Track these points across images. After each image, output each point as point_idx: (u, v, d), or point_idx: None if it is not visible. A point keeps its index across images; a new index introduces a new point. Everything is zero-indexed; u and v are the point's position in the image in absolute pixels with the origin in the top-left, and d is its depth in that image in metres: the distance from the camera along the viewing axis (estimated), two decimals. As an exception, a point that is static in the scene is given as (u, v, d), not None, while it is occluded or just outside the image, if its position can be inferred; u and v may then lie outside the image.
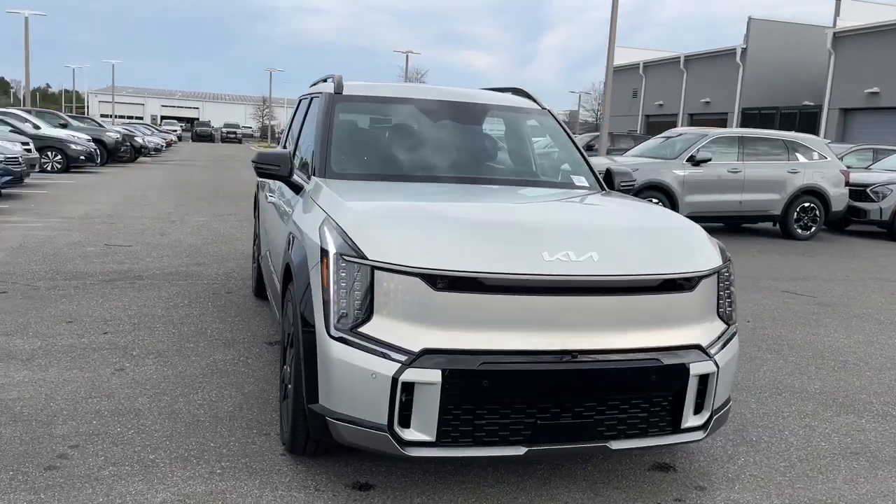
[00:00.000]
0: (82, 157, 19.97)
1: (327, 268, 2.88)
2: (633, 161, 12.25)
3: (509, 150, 4.55)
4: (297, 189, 3.92)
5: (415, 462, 3.19)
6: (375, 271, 2.79)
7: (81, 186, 15.87)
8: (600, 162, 12.36)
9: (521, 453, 2.83)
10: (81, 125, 26.16)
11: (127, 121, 57.39)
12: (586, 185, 4.28)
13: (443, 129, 4.37)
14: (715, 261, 3.21)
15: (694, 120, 39.54)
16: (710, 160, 11.71)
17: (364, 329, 2.79)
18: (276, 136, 57.61)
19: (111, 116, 63.72)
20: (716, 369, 3.04)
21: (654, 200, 11.42)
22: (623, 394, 2.92)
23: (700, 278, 3.09)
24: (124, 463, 3.16)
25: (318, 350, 2.85)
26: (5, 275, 6.63)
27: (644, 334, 2.97)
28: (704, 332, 3.11)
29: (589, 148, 22.00)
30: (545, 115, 4.70)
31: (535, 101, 4.77)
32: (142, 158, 29.37)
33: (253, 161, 3.94)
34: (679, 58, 41.05)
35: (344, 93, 4.32)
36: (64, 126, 23.90)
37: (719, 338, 3.15)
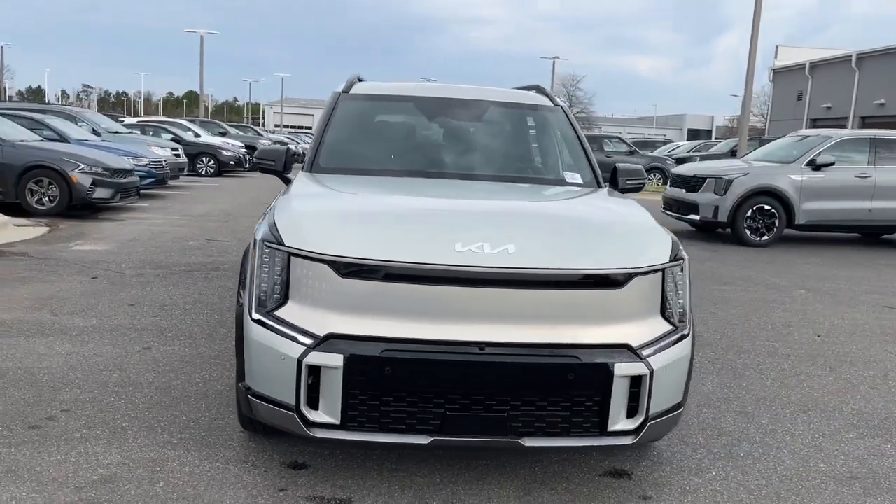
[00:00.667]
0: (232, 163, 21.58)
1: (254, 254, 3.04)
2: (742, 166, 11.56)
3: (507, 146, 4.52)
4: (287, 184, 4.12)
5: (324, 444, 3.22)
6: (291, 258, 2.91)
7: (221, 188, 17.20)
8: (730, 166, 11.77)
9: (426, 442, 2.84)
10: (241, 134, 28.27)
11: (295, 130, 61.12)
12: (580, 182, 4.17)
13: (436, 126, 4.43)
14: (657, 259, 3.05)
15: (866, 123, 36.30)
16: (832, 164, 10.79)
17: (279, 312, 2.91)
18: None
19: (280, 126, 68.15)
20: (647, 372, 2.89)
21: (767, 207, 10.73)
22: (539, 390, 2.85)
23: (632, 275, 2.95)
24: (97, 428, 3.48)
25: (244, 331, 3.01)
26: (104, 263, 7.37)
27: (564, 330, 2.88)
28: (639, 331, 2.96)
29: (733, 154, 20.96)
30: (555, 112, 4.61)
31: (550, 97, 4.70)
32: (296, 164, 31.33)
33: (254, 157, 4.19)
34: (850, 56, 37.87)
35: (351, 92, 4.48)
36: (223, 134, 25.97)
37: (659, 339, 2.99)
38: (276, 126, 69.99)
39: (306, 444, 3.35)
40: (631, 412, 2.95)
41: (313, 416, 2.84)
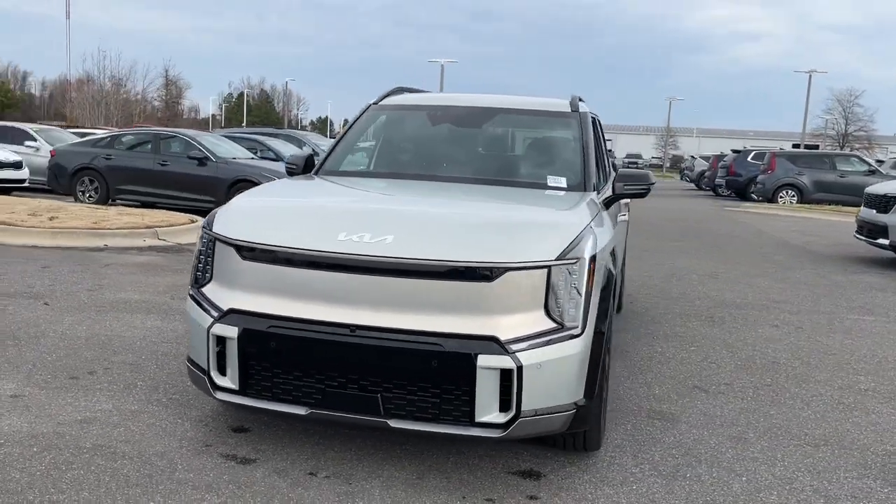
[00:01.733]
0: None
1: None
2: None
3: (503, 151, 4.59)
4: None
5: (229, 407, 3.54)
6: (215, 242, 3.36)
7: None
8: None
9: (303, 413, 3.11)
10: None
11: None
12: (563, 185, 4.13)
13: (441, 133, 4.64)
14: (540, 256, 3.04)
15: None
16: None
17: (204, 289, 3.37)
18: (680, 166, 56.68)
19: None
20: (515, 366, 2.91)
21: None
22: (404, 375, 2.99)
23: (504, 270, 2.98)
24: (116, 383, 4.18)
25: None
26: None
27: (432, 319, 2.99)
28: (511, 326, 2.98)
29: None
30: (570, 118, 4.59)
31: (572, 105, 4.68)
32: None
33: (284, 161, 4.74)
34: None
35: (381, 103, 4.85)
36: None
37: (536, 336, 2.98)
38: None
39: (251, 413, 3.71)
40: (504, 406, 2.97)
41: (220, 380, 3.24)
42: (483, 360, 2.91)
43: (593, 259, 3.16)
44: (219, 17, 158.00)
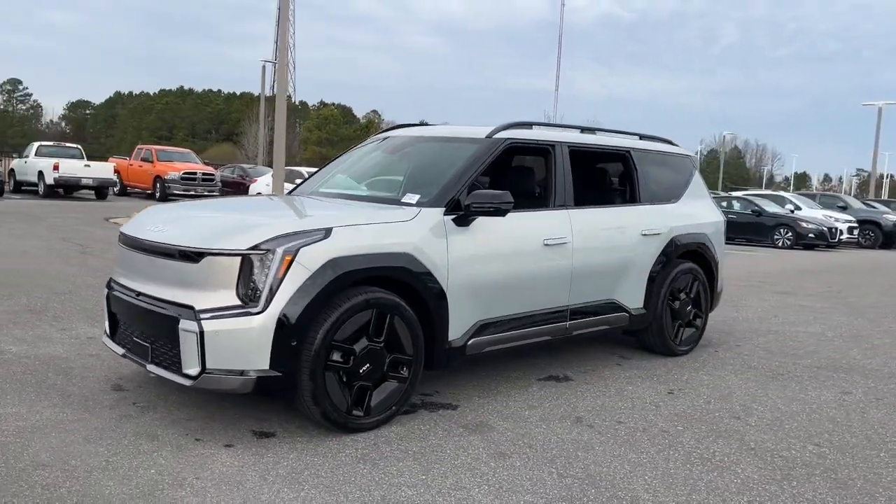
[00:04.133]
0: (811, 235, 20.78)
1: None
2: None
3: (396, 174, 5.08)
4: None
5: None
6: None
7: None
8: None
9: (120, 353, 4.32)
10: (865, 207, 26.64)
11: None
12: (411, 202, 4.52)
13: (374, 158, 5.47)
14: (235, 246, 3.78)
15: None
16: None
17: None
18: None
19: None
20: (199, 331, 3.72)
21: None
22: (155, 331, 4.02)
23: (205, 254, 3.80)
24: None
25: None
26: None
27: (171, 290, 3.97)
28: (206, 300, 3.79)
29: None
30: (473, 144, 4.90)
31: (489, 133, 4.99)
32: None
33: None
34: None
35: (384, 134, 5.80)
36: (842, 209, 25.03)
37: (222, 309, 3.74)
38: None
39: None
40: (199, 362, 3.78)
41: (106, 329, 4.64)
42: (182, 324, 3.78)
43: (290, 253, 3.75)
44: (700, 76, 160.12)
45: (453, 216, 4.48)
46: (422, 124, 6.09)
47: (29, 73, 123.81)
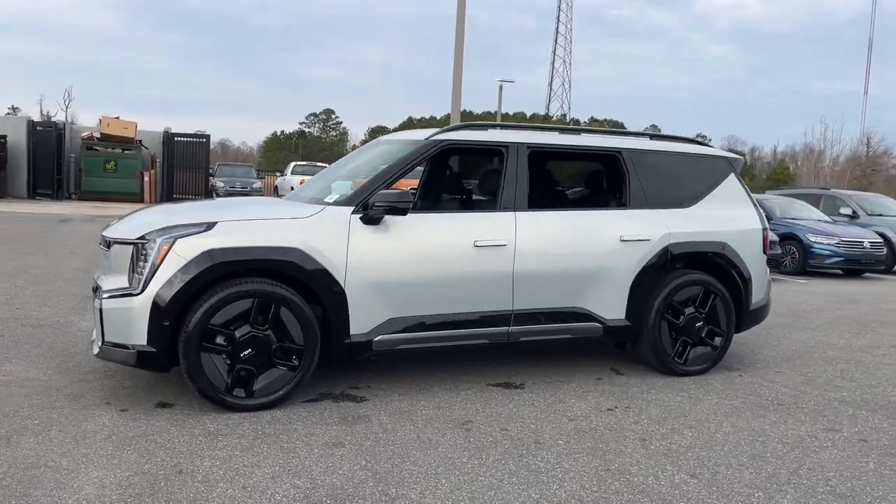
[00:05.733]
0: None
1: None
2: None
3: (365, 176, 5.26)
4: None
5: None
6: None
7: None
8: None
9: (95, 331, 5.13)
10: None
11: None
12: (329, 202, 4.75)
13: (353, 162, 5.80)
14: (126, 236, 4.39)
15: None
16: None
17: None
18: None
19: None
20: (99, 308, 4.36)
21: None
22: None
23: (112, 242, 4.46)
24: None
25: None
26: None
27: (102, 275, 4.66)
28: (111, 282, 4.43)
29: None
30: (409, 146, 4.99)
31: (428, 135, 5.07)
32: None
33: None
34: None
35: (378, 139, 6.15)
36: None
37: (116, 290, 4.34)
38: None
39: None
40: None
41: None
42: (94, 302, 4.46)
43: (167, 243, 4.24)
44: None
45: (360, 215, 4.66)
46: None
47: (340, 103, 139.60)
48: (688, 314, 5.56)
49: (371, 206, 4.63)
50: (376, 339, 4.68)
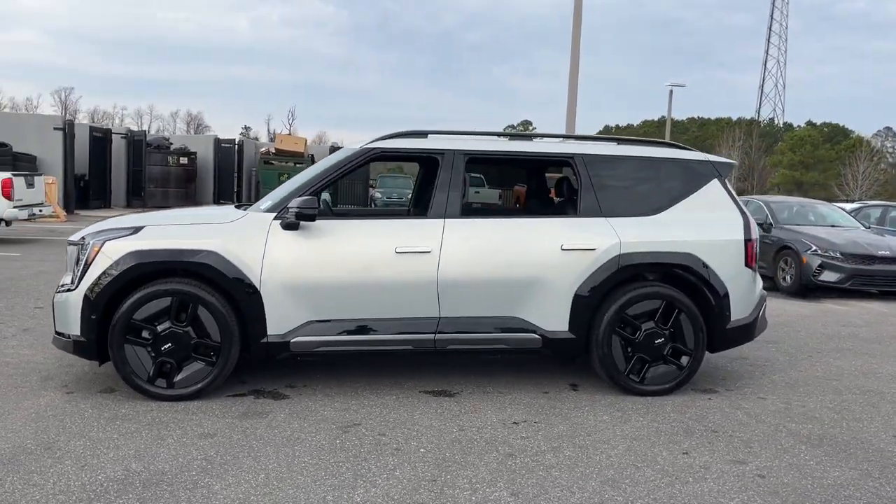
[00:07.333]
0: None
1: None
2: None
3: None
4: None
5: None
6: None
7: None
8: None
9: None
10: None
11: None
12: (261, 209, 5.03)
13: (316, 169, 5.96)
14: (73, 238, 4.93)
15: None
16: None
17: None
18: None
19: None
20: (53, 301, 4.98)
21: None
22: None
23: (70, 244, 5.04)
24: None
25: None
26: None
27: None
28: (65, 278, 5.04)
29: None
30: (345, 154, 5.14)
31: (363, 145, 5.17)
32: None
33: None
34: None
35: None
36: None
37: (65, 286, 4.93)
38: None
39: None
40: (59, 325, 5.04)
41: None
42: (54, 297, 5.09)
43: (97, 245, 4.75)
44: None
45: (280, 221, 4.90)
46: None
47: (538, 114, 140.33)
48: (645, 329, 5.19)
49: (286, 212, 4.86)
50: (293, 340, 4.89)
